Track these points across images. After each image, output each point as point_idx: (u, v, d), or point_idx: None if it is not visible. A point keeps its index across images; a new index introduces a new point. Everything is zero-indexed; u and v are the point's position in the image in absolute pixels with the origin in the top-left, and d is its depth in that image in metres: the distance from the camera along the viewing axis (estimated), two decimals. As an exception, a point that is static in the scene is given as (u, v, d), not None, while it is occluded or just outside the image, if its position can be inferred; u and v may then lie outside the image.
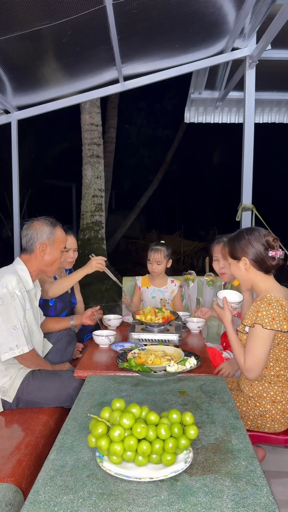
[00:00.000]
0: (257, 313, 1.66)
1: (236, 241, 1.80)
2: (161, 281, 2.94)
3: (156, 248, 2.86)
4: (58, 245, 2.06)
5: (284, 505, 1.88)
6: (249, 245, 1.75)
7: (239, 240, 1.79)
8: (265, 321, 1.62)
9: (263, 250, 1.73)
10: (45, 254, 2.02)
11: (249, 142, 3.42)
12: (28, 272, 1.99)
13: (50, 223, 2.05)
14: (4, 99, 3.54)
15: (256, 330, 1.65)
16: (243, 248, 1.77)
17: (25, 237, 2.02)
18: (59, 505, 0.92)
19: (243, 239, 1.77)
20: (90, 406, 1.40)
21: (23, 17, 2.42)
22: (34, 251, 2.00)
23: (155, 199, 12.20)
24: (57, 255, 2.06)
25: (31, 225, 2.03)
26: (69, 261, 2.64)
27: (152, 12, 2.63)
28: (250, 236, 1.76)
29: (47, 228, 2.02)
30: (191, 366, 1.77)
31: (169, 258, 2.90)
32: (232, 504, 0.92)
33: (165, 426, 1.07)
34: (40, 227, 2.02)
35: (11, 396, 1.86)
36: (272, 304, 1.64)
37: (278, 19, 2.64)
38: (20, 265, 2.00)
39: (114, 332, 2.22)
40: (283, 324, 1.61)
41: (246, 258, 1.76)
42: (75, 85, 3.66)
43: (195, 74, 4.20)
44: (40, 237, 2.00)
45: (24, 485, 1.38)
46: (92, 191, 7.08)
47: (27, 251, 2.02)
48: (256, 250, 1.74)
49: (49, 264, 2.04)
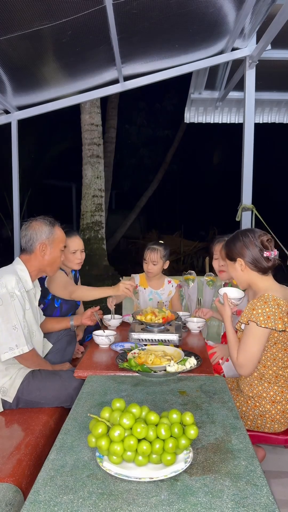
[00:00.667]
0: (252, 311, 1.67)
1: (231, 243, 1.84)
2: (158, 282, 2.89)
3: (153, 247, 2.79)
4: (58, 244, 2.06)
5: (284, 505, 1.88)
6: (243, 246, 1.78)
7: (235, 242, 1.82)
8: (260, 319, 1.63)
9: (257, 251, 1.76)
10: (45, 254, 2.01)
11: (249, 142, 3.42)
12: (28, 272, 1.99)
13: (49, 223, 2.04)
14: (4, 99, 3.54)
15: (251, 328, 1.66)
16: (239, 249, 1.80)
17: (24, 237, 2.02)
18: (59, 505, 0.92)
19: (238, 241, 1.81)
20: (90, 406, 1.40)
21: (23, 17, 2.42)
22: (34, 252, 2.00)
23: (155, 199, 12.22)
24: (57, 254, 2.06)
25: (30, 226, 2.03)
26: (77, 262, 2.62)
27: (152, 12, 2.63)
28: (245, 238, 1.79)
29: (46, 228, 2.02)
30: (191, 366, 1.77)
31: (166, 259, 2.82)
32: (232, 504, 0.92)
33: (165, 426, 1.07)
34: (39, 227, 2.01)
35: (11, 396, 1.86)
36: (268, 303, 1.66)
37: (278, 19, 2.64)
38: (20, 265, 2.00)
39: (114, 332, 2.22)
40: (278, 323, 1.63)
41: (241, 259, 1.79)
42: (75, 85, 3.65)
43: (195, 74, 4.20)
44: (39, 237, 2.00)
45: (24, 485, 1.38)
46: (92, 191, 7.08)
47: (27, 252, 2.02)
48: (251, 252, 1.77)
49: (49, 263, 2.04)
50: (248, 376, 1.78)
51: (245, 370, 1.71)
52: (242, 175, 3.43)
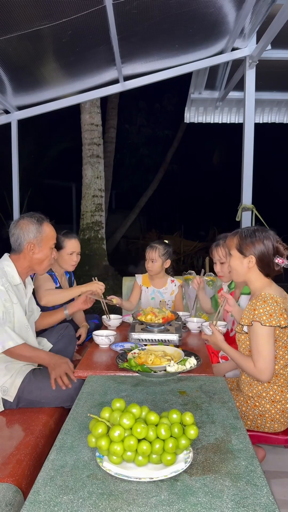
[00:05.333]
0: (254, 311, 1.67)
1: (249, 237, 1.78)
2: (161, 281, 2.90)
3: (153, 245, 2.79)
4: (47, 242, 2.02)
5: (284, 505, 1.88)
6: (263, 248, 1.75)
7: (252, 237, 1.77)
8: (263, 318, 1.63)
9: (272, 254, 1.74)
10: (34, 253, 1.99)
11: (249, 142, 3.41)
12: (15, 268, 1.97)
13: (36, 221, 2.00)
14: (4, 99, 3.54)
15: (257, 330, 1.65)
16: (255, 245, 1.76)
17: (13, 236, 1.99)
18: (59, 505, 0.92)
19: (256, 238, 1.76)
20: (90, 406, 1.40)
21: (23, 17, 2.42)
22: (22, 251, 1.98)
23: (155, 199, 12.20)
24: (47, 252, 2.03)
25: (17, 224, 1.99)
26: (71, 264, 2.63)
27: (152, 12, 2.63)
28: (266, 240, 1.75)
29: (33, 227, 1.98)
30: (191, 366, 1.77)
31: (167, 258, 2.81)
32: (232, 504, 0.92)
33: (165, 426, 1.07)
34: (26, 226, 1.98)
35: (12, 395, 1.86)
36: (267, 301, 1.66)
37: (278, 19, 2.64)
38: (7, 261, 1.98)
39: (114, 332, 2.22)
40: (280, 320, 1.63)
41: (253, 256, 1.76)
42: (75, 85, 3.65)
43: (195, 74, 4.20)
44: (27, 236, 1.97)
45: (24, 485, 1.38)
46: (92, 191, 7.08)
47: (15, 251, 2.00)
48: (266, 252, 1.74)
49: (39, 262, 2.02)
50: (271, 380, 1.73)
51: (267, 374, 1.66)
52: (242, 175, 3.43)
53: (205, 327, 2.08)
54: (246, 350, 1.77)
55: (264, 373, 1.66)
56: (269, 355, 1.65)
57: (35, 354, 1.93)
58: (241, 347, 1.81)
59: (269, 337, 1.65)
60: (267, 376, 1.66)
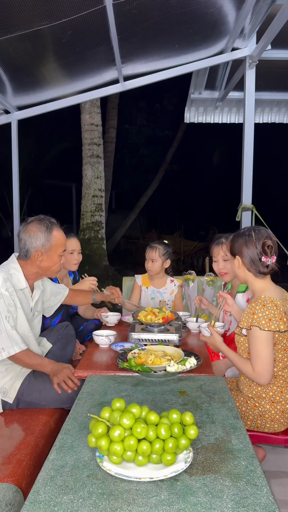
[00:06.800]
0: (253, 315, 1.66)
1: (235, 238, 1.83)
2: (160, 281, 2.90)
3: (152, 245, 2.80)
4: (56, 250, 1.95)
5: (284, 505, 1.88)
6: (244, 245, 1.77)
7: (238, 238, 1.81)
8: (262, 322, 1.62)
9: (256, 254, 1.74)
10: (41, 261, 1.93)
11: (249, 142, 3.42)
12: (22, 272, 1.93)
13: (46, 228, 1.92)
14: (4, 99, 3.54)
15: (256, 334, 1.65)
16: (239, 247, 1.79)
17: (20, 241, 1.93)
18: (59, 505, 0.92)
19: (241, 239, 1.79)
20: (90, 406, 1.40)
21: (23, 17, 2.42)
22: (30, 258, 1.93)
23: (155, 199, 12.21)
24: (55, 260, 1.97)
25: (26, 229, 1.93)
26: (73, 263, 2.62)
27: (152, 12, 2.63)
28: (248, 237, 1.77)
29: (41, 235, 1.90)
30: (191, 366, 1.77)
31: (167, 258, 2.81)
32: (232, 504, 0.92)
33: (165, 426, 1.07)
34: (34, 233, 1.91)
35: (11, 397, 1.86)
36: (267, 305, 1.65)
37: (278, 19, 2.64)
38: (14, 263, 1.93)
39: (114, 332, 2.21)
40: (279, 324, 1.62)
41: (239, 257, 1.79)
42: (75, 85, 3.66)
43: (195, 74, 4.20)
44: (34, 244, 1.90)
45: (24, 485, 1.38)
46: (92, 191, 7.08)
47: (23, 257, 1.95)
48: (249, 252, 1.75)
49: (47, 269, 1.97)
50: (268, 384, 1.73)
51: (265, 378, 1.66)
52: (242, 175, 3.43)
53: (203, 329, 2.07)
54: (245, 352, 1.77)
55: (263, 376, 1.66)
56: (267, 359, 1.65)
57: (37, 362, 1.91)
58: (240, 349, 1.81)
59: (268, 341, 1.64)
60: (265, 379, 1.66)
